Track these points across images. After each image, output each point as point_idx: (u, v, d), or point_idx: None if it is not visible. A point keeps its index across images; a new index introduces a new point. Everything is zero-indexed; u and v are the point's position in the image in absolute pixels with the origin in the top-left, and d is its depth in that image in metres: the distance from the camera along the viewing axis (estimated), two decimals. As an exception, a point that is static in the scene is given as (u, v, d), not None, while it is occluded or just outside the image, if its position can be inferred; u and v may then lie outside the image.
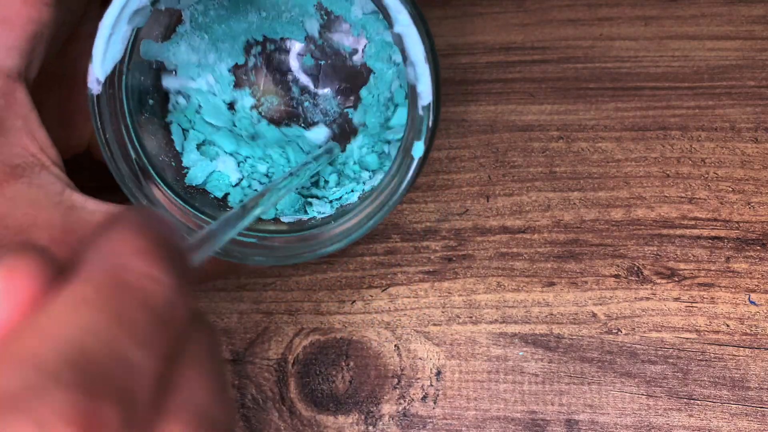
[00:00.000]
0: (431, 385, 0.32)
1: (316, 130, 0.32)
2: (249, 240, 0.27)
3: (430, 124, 0.25)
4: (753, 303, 0.32)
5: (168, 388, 0.15)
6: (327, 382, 0.32)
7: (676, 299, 0.33)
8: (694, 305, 0.33)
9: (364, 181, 0.31)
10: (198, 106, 0.31)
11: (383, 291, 0.34)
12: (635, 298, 0.33)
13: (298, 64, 0.32)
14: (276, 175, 0.31)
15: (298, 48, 0.32)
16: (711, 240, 0.33)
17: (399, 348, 0.33)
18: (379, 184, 0.27)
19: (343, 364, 0.33)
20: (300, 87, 0.32)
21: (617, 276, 0.33)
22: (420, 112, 0.25)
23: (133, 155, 0.27)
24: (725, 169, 0.34)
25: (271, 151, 0.31)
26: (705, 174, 0.34)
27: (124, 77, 0.27)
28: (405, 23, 0.24)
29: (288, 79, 0.32)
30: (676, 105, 0.35)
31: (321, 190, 0.31)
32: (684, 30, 0.36)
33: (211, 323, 0.33)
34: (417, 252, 0.34)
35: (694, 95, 0.35)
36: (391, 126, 0.31)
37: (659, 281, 0.33)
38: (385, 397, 0.32)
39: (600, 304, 0.33)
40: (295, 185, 0.27)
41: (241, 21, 0.31)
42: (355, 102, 0.32)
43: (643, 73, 0.36)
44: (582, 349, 0.32)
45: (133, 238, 0.16)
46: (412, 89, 0.25)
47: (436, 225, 0.34)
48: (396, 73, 0.31)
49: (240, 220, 0.22)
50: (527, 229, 0.34)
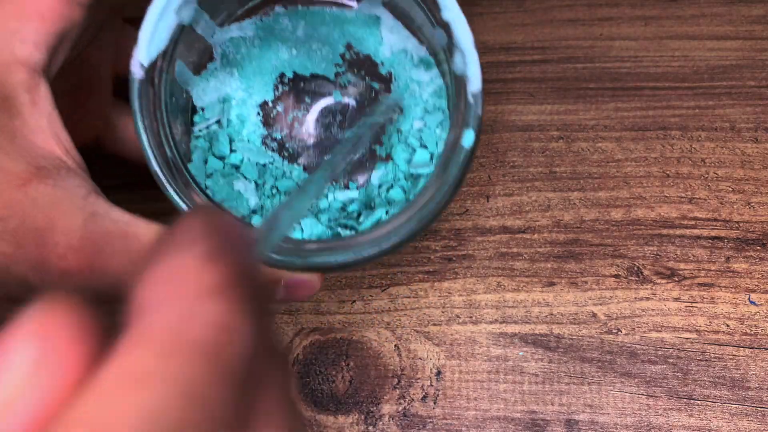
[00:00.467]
0: (431, 385, 0.32)
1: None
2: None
3: (479, 111, 0.25)
4: (753, 303, 0.32)
5: None
6: (327, 382, 0.32)
7: (676, 299, 0.33)
8: (694, 305, 0.33)
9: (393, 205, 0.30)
10: (230, 141, 0.31)
11: (383, 291, 0.34)
12: (635, 298, 0.33)
13: (326, 104, 0.32)
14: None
15: (327, 87, 0.32)
16: (711, 240, 0.33)
17: (399, 348, 0.33)
18: (425, 185, 0.26)
19: (343, 364, 0.33)
20: (327, 123, 0.32)
21: (617, 276, 0.33)
22: (470, 99, 0.25)
23: (168, 150, 0.26)
24: (725, 169, 0.34)
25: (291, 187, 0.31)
26: (705, 174, 0.34)
27: (164, 74, 0.26)
28: (454, 9, 0.25)
29: (316, 117, 0.32)
30: (676, 105, 0.35)
31: (350, 220, 0.30)
32: (684, 30, 0.36)
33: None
34: (417, 252, 0.34)
35: (694, 95, 0.35)
36: (416, 162, 0.31)
37: (659, 281, 0.33)
38: (385, 397, 0.32)
39: (600, 304, 0.33)
40: (358, 152, 0.26)
41: (272, 59, 0.31)
42: (381, 136, 0.32)
43: (643, 73, 0.36)
44: (582, 349, 0.32)
45: (199, 267, 0.13)
46: (458, 79, 0.25)
47: (435, 225, 0.34)
48: (423, 111, 0.31)
49: (302, 196, 0.19)
50: (527, 229, 0.34)
